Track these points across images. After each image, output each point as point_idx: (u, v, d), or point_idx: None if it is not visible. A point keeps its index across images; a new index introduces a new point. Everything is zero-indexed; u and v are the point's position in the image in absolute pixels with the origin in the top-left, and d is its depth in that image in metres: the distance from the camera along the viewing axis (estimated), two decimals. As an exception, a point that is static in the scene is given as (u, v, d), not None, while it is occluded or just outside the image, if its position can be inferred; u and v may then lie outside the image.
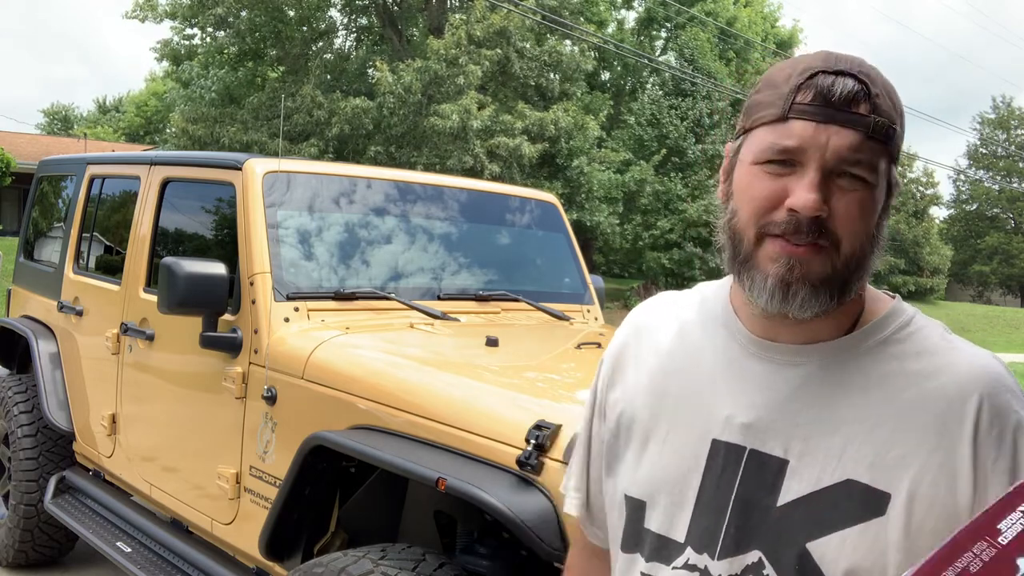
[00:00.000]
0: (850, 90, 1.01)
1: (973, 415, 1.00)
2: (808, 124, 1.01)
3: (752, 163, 1.05)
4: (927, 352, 1.06)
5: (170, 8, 21.56)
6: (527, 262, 4.03)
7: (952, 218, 48.89)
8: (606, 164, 22.80)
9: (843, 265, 1.03)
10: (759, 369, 1.10)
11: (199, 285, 2.92)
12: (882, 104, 1.02)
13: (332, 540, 2.75)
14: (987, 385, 1.02)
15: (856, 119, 1.01)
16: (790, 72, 1.04)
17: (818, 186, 1.00)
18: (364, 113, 19.31)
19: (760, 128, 1.05)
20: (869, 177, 1.02)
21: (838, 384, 1.05)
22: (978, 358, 1.05)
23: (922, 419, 1.01)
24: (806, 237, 1.01)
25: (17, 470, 4.26)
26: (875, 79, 1.03)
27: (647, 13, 28.53)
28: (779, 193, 1.02)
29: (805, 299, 1.02)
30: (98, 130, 47.92)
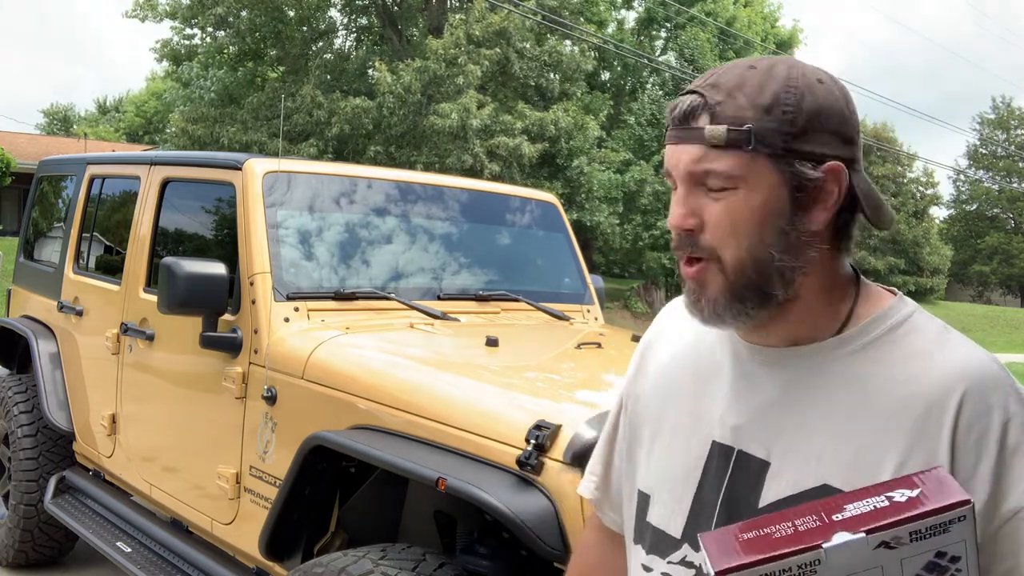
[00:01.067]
0: (686, 106, 1.03)
1: (952, 418, 0.97)
2: (669, 147, 1.05)
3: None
4: (915, 354, 1.03)
5: (170, 8, 21.57)
6: (527, 262, 4.03)
7: (952, 218, 48.89)
8: (606, 164, 22.80)
9: (734, 274, 1.02)
10: (752, 372, 1.10)
11: (199, 285, 2.92)
12: (725, 110, 1.01)
13: (332, 540, 2.75)
14: (971, 385, 0.98)
15: (692, 133, 1.02)
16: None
17: (682, 201, 1.04)
18: (364, 113, 19.31)
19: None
20: (727, 184, 1.01)
21: (821, 387, 1.04)
22: (968, 358, 1.01)
23: (901, 423, 0.99)
24: (685, 251, 1.04)
25: (17, 470, 4.26)
26: (723, 86, 1.02)
27: (647, 13, 28.52)
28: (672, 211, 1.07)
29: (711, 315, 1.05)
30: (98, 129, 47.93)
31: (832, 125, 1.02)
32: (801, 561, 0.88)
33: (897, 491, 0.91)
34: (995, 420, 0.97)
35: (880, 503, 0.90)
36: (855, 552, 0.89)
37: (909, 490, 0.91)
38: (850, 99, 1.05)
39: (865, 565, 0.89)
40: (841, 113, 1.03)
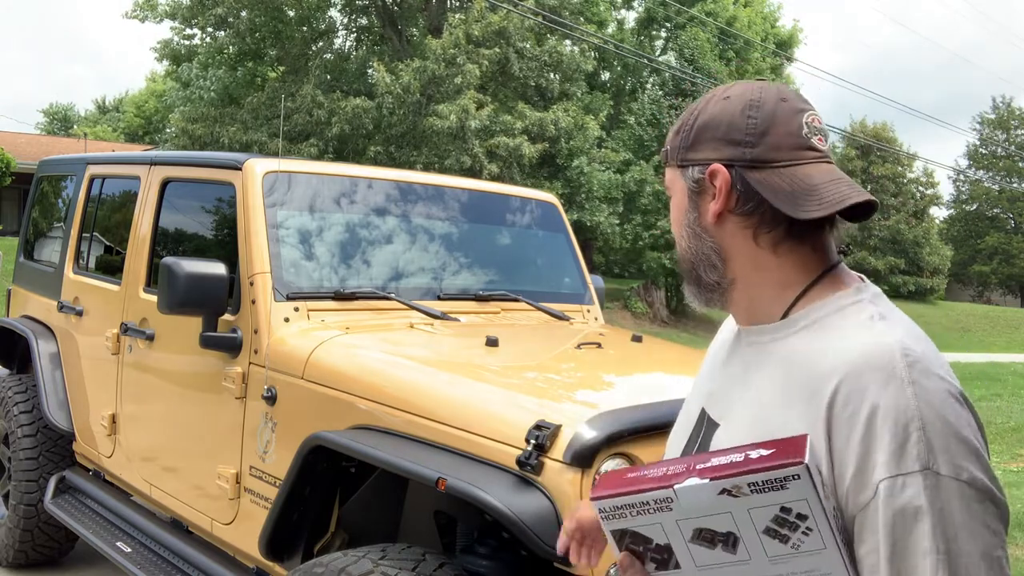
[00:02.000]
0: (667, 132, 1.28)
1: (829, 396, 1.05)
2: None
3: None
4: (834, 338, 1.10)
5: (170, 8, 21.57)
6: (527, 262, 4.03)
7: (952, 218, 48.88)
8: (606, 164, 22.80)
9: (680, 263, 1.27)
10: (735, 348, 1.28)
11: (199, 285, 2.92)
12: (668, 141, 1.25)
13: (332, 540, 2.75)
14: (851, 369, 1.04)
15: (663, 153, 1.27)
16: None
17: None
18: (364, 113, 19.31)
19: None
20: (668, 193, 1.26)
21: (762, 364, 1.18)
22: (864, 345, 1.07)
23: (800, 399, 1.08)
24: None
25: (17, 470, 4.26)
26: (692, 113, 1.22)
27: (647, 13, 28.52)
28: None
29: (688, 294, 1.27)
30: (97, 129, 47.92)
31: (718, 133, 1.17)
32: (657, 497, 1.03)
33: (756, 451, 1.02)
34: (866, 404, 1.02)
35: (737, 458, 1.01)
36: (702, 495, 1.01)
37: (765, 450, 1.01)
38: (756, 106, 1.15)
39: (715, 509, 1.01)
40: (731, 122, 1.16)
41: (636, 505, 1.04)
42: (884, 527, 0.98)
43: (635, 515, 1.05)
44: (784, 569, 1.01)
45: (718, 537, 1.02)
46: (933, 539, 0.96)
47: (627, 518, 1.06)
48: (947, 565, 0.95)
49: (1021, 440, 9.41)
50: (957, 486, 0.97)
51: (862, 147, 36.60)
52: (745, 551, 1.02)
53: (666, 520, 1.04)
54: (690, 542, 1.04)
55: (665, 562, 1.07)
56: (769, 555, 1.01)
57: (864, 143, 35.85)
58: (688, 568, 1.06)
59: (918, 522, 0.96)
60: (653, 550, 1.07)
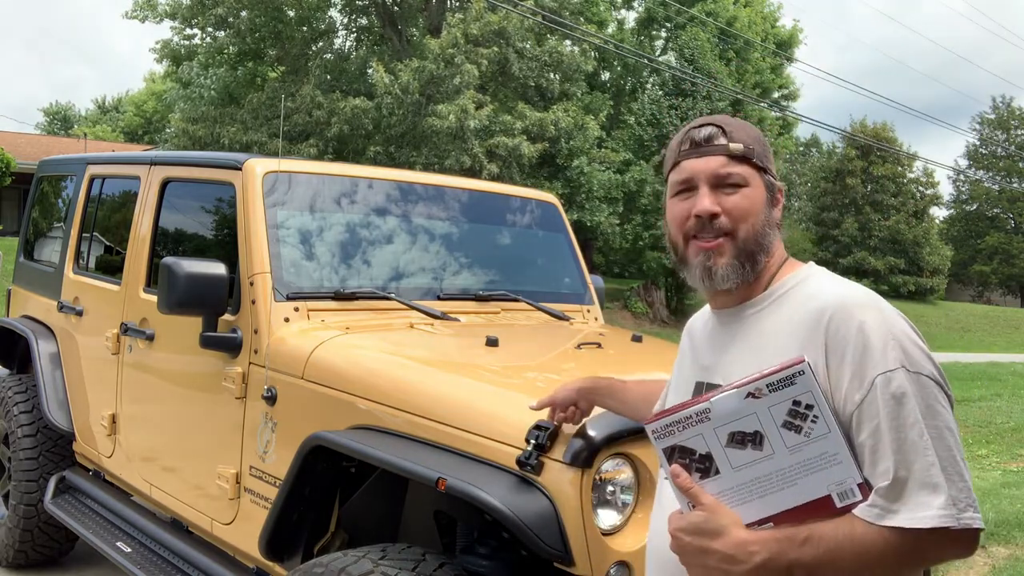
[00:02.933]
0: (709, 132, 1.54)
1: (824, 325, 1.39)
2: (690, 160, 1.54)
3: (671, 196, 1.58)
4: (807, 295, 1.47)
5: (170, 8, 21.56)
6: (527, 262, 4.03)
7: (952, 218, 48.87)
8: (606, 164, 22.79)
9: (743, 244, 1.50)
10: (719, 330, 1.58)
11: (199, 285, 2.92)
12: (736, 136, 1.53)
13: (332, 540, 2.75)
14: (838, 304, 1.40)
15: (717, 148, 1.52)
16: (679, 137, 1.59)
17: (708, 195, 1.51)
18: (364, 113, 19.31)
19: (669, 175, 1.59)
20: (742, 182, 1.51)
21: (749, 330, 1.52)
22: (844, 290, 1.46)
23: (796, 336, 1.42)
24: (711, 232, 1.50)
25: (17, 470, 4.26)
26: (730, 123, 1.54)
27: (647, 13, 28.51)
28: (687, 209, 1.53)
29: (723, 275, 1.50)
30: (97, 129, 47.91)
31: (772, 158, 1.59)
32: (696, 410, 1.35)
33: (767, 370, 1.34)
34: (853, 326, 1.37)
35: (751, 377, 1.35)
36: (732, 401, 1.34)
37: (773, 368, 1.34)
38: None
39: (743, 412, 1.33)
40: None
41: (681, 420, 1.35)
42: (883, 407, 1.32)
43: (681, 430, 1.35)
44: (801, 457, 1.31)
45: (747, 438, 1.33)
46: (916, 413, 1.32)
47: (674, 435, 1.35)
48: (927, 430, 1.31)
49: (1021, 440, 9.40)
50: (923, 379, 1.35)
51: (862, 147, 36.58)
52: (769, 446, 1.32)
53: (706, 430, 1.34)
54: (726, 447, 1.34)
55: (707, 470, 1.35)
56: (788, 446, 1.32)
57: (864, 143, 35.83)
58: (726, 471, 1.34)
59: (905, 402, 1.32)
60: (696, 460, 1.35)
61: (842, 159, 38.21)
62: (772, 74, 29.85)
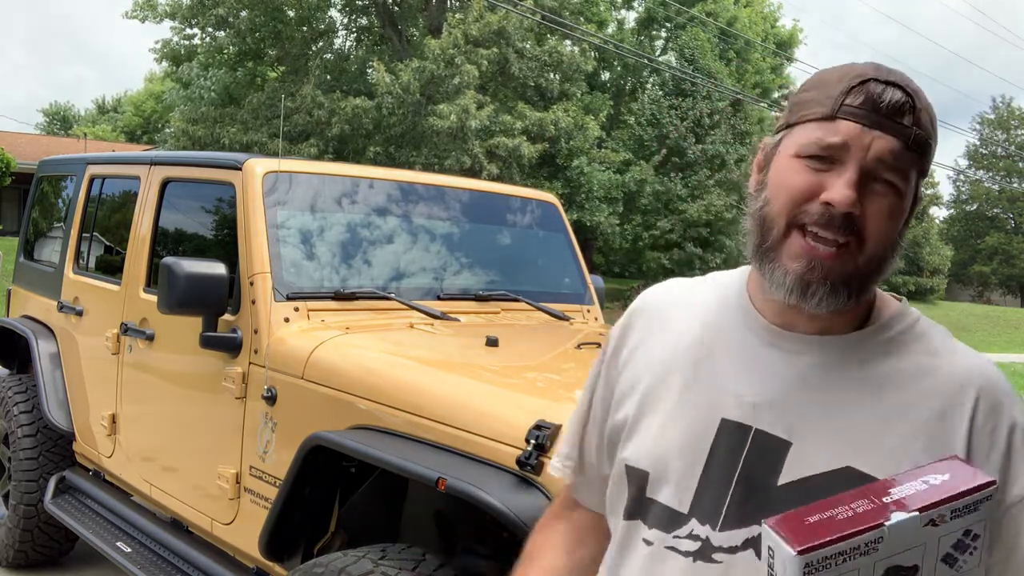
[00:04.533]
0: (898, 100, 1.06)
1: (970, 410, 1.07)
2: (855, 125, 1.06)
3: (794, 155, 1.09)
4: (929, 352, 1.12)
5: (170, 8, 21.56)
6: (527, 262, 4.03)
7: (952, 218, 48.88)
8: (606, 164, 22.80)
9: (865, 264, 1.08)
10: (771, 356, 1.14)
11: (199, 285, 2.92)
12: (923, 119, 1.08)
13: (332, 540, 2.75)
14: (985, 384, 1.09)
15: (900, 128, 1.06)
16: (841, 75, 1.09)
17: (855, 184, 1.05)
18: (364, 113, 19.31)
19: (806, 124, 1.09)
20: (901, 185, 1.07)
21: (845, 375, 1.11)
22: (978, 360, 1.13)
23: (921, 414, 1.08)
24: (835, 232, 1.05)
25: (17, 470, 4.26)
26: (920, 95, 1.09)
27: (647, 13, 28.52)
28: (816, 186, 1.06)
29: (823, 298, 1.07)
30: (97, 129, 47.92)
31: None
32: (869, 539, 0.95)
33: (931, 476, 0.99)
34: (1005, 419, 1.08)
35: (920, 487, 0.98)
36: (909, 530, 0.96)
37: (940, 475, 0.99)
38: None
39: (914, 542, 0.96)
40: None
41: (846, 552, 0.96)
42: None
43: (841, 563, 0.96)
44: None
45: (903, 572, 0.98)
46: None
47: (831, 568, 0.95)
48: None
49: (1021, 440, 9.40)
50: None
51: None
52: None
53: (865, 564, 0.97)
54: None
55: None
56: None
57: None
58: None
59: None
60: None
61: (842, 159, 38.16)
62: (772, 74, 29.86)
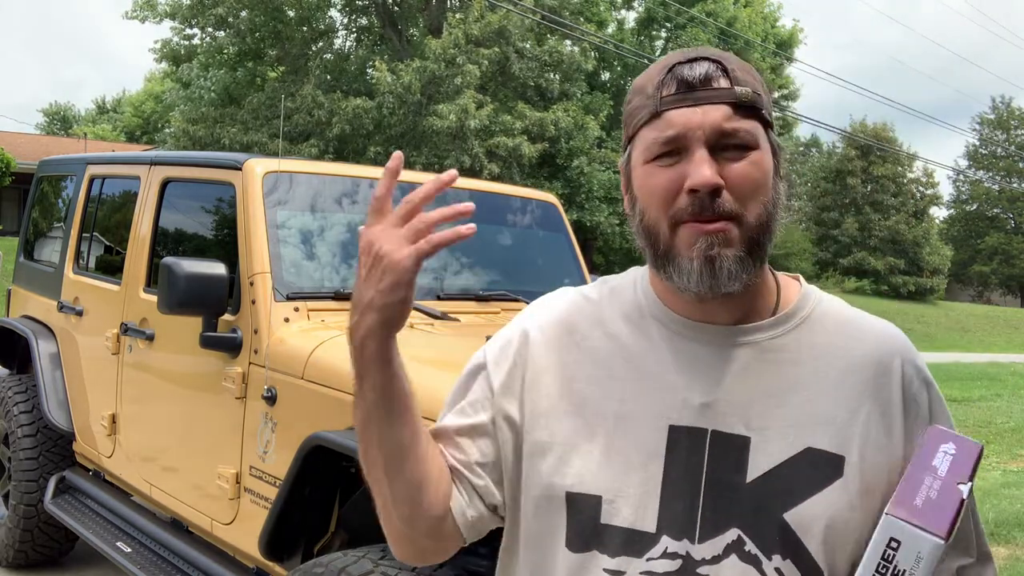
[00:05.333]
0: (707, 70, 1.07)
1: (899, 375, 1.13)
2: (681, 111, 1.06)
3: (644, 163, 1.10)
4: (845, 323, 1.17)
5: (170, 8, 21.56)
6: (527, 262, 4.03)
7: (952, 218, 48.89)
8: (606, 164, 22.80)
9: (755, 230, 1.07)
10: (704, 352, 1.12)
11: (199, 285, 2.92)
12: (740, 76, 1.08)
13: (332, 540, 2.75)
14: (903, 348, 1.17)
15: (720, 93, 1.07)
16: (652, 75, 1.12)
17: (708, 161, 1.05)
18: (364, 113, 19.32)
19: (641, 131, 1.10)
20: (751, 141, 1.07)
21: (781, 361, 1.12)
22: (887, 326, 1.20)
23: (857, 384, 1.12)
24: (712, 211, 1.05)
25: (17, 470, 4.26)
26: (728, 57, 1.10)
27: (647, 13, 28.52)
28: (676, 180, 1.06)
29: (731, 270, 1.06)
30: (97, 129, 47.93)
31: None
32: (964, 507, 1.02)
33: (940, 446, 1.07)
34: (923, 380, 1.16)
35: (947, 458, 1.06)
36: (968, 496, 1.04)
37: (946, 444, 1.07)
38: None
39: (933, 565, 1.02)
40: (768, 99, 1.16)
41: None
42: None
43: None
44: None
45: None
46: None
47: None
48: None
49: (1021, 440, 9.40)
50: None
51: (862, 147, 36.60)
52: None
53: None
54: None
55: None
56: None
57: (864, 143, 35.84)
58: None
59: None
60: None
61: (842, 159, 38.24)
62: (772, 74, 29.84)
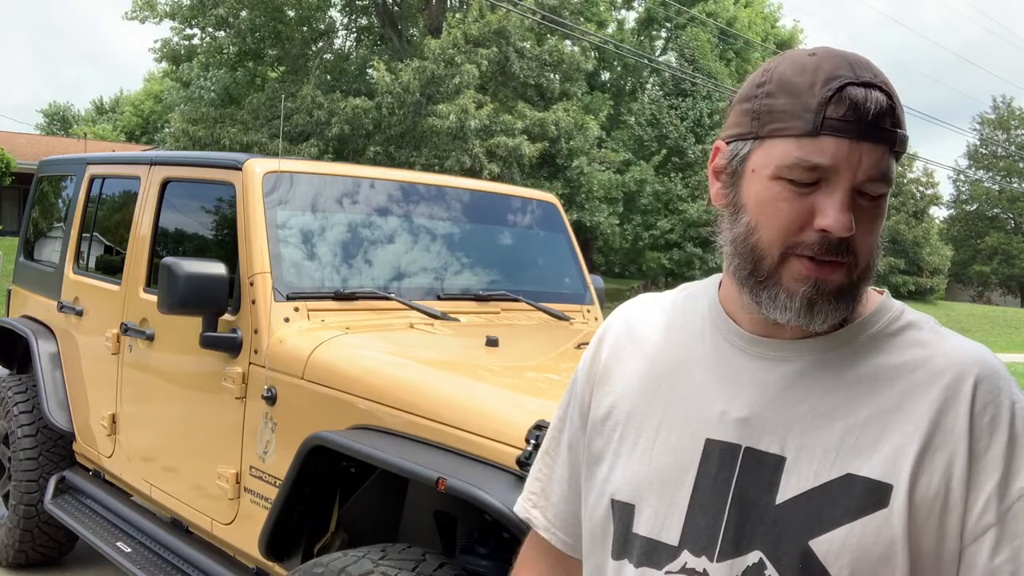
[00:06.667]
0: (882, 105, 0.98)
1: (968, 399, 1.00)
2: (842, 142, 0.97)
3: (773, 177, 1.01)
4: (918, 344, 1.06)
5: (170, 9, 21.56)
6: (527, 262, 4.03)
7: (952, 218, 48.87)
8: (606, 164, 22.80)
9: (860, 275, 1.02)
10: (751, 366, 1.08)
11: (199, 285, 2.92)
12: (900, 115, 1.01)
13: (332, 540, 2.75)
14: (981, 370, 1.02)
15: (886, 135, 0.99)
16: (812, 79, 0.99)
17: (847, 206, 0.98)
18: (364, 113, 19.31)
19: (782, 139, 1.00)
20: (886, 190, 1.01)
21: (832, 379, 1.04)
22: (972, 346, 1.06)
23: (917, 408, 1.01)
24: (835, 255, 0.99)
25: (17, 470, 4.26)
26: (893, 89, 1.01)
27: (647, 13, 28.52)
28: (807, 213, 0.99)
29: (827, 313, 1.01)
30: (97, 128, 47.92)
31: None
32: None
33: None
34: (1004, 404, 1.00)
35: None
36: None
37: None
38: None
39: None
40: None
41: None
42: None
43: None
44: None
45: None
46: None
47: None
48: None
49: (1021, 440, 9.40)
50: None
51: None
52: None
53: None
54: None
55: None
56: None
57: (864, 143, 35.81)
58: None
59: None
60: None
61: (842, 159, 38.16)
62: (772, 74, 29.82)
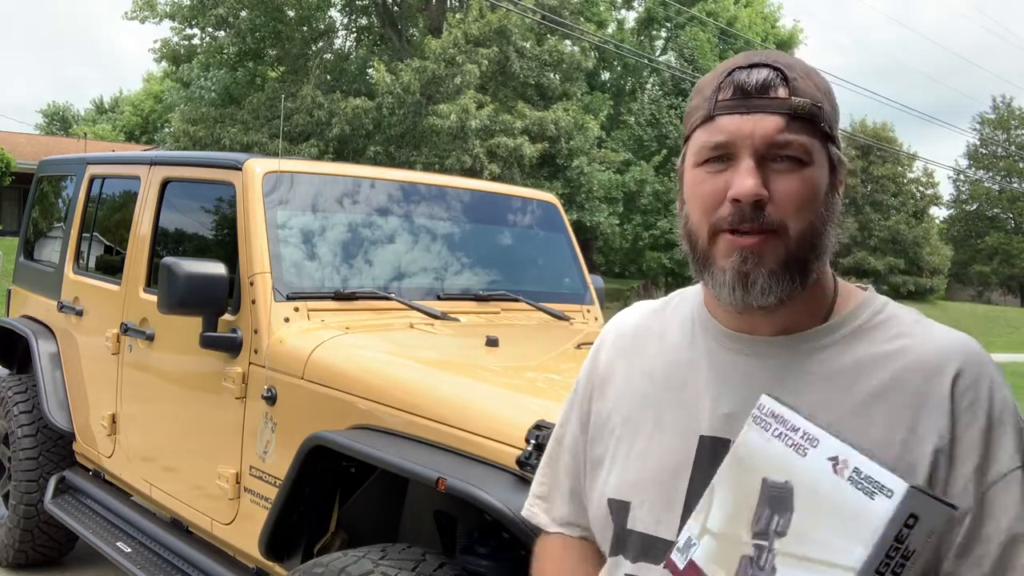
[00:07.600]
0: (765, 78, 1.06)
1: (949, 385, 1.04)
2: (733, 117, 1.06)
3: (693, 166, 1.10)
4: (901, 334, 1.09)
5: (170, 9, 21.56)
6: (527, 262, 4.03)
7: (952, 218, 48.84)
8: (606, 164, 22.80)
9: (796, 246, 1.05)
10: (738, 363, 1.12)
11: (199, 285, 2.92)
12: (801, 86, 1.06)
13: (332, 540, 2.75)
14: (964, 357, 1.06)
15: (776, 103, 1.05)
16: (714, 75, 1.10)
17: (753, 171, 1.04)
18: (364, 113, 19.31)
19: (695, 132, 1.10)
20: (803, 157, 1.05)
21: (816, 373, 1.08)
22: (953, 335, 1.09)
23: (900, 396, 1.04)
24: (752, 224, 1.04)
25: (17, 470, 4.26)
26: (792, 65, 1.08)
27: (647, 13, 28.52)
28: (721, 188, 1.06)
29: (764, 286, 1.05)
30: (97, 128, 47.92)
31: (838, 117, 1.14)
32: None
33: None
34: (983, 389, 1.04)
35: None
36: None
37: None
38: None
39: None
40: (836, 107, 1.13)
41: None
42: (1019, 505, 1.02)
43: None
44: None
45: None
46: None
47: None
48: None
49: (1021, 440, 9.40)
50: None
51: (862, 147, 36.60)
52: None
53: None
54: None
55: None
56: None
57: (864, 143, 35.84)
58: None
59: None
60: None
61: (842, 159, 38.16)
62: (772, 74, 29.83)
